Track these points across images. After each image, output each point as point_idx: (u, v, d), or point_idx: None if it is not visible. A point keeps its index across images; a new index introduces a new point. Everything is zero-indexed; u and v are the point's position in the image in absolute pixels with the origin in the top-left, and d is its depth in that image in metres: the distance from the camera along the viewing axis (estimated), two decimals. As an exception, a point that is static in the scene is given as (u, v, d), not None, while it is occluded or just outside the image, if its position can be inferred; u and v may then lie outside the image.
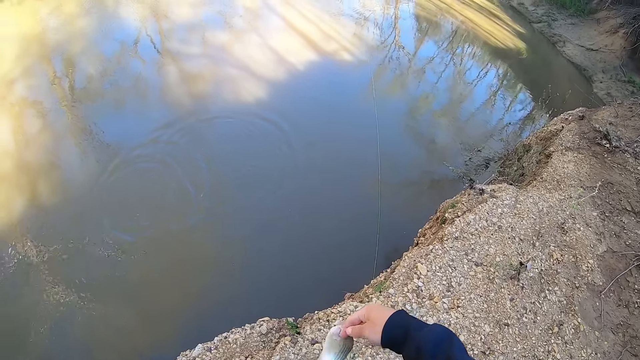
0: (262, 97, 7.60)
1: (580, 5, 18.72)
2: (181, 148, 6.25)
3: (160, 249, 5.04)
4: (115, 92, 7.21)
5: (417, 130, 7.97)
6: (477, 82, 10.88)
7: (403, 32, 12.21)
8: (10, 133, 6.20)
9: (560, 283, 3.86)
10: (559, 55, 15.33)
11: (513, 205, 4.67)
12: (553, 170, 5.43)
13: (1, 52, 7.71)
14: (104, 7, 9.79)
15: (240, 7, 10.83)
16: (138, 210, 5.31)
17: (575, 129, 6.32)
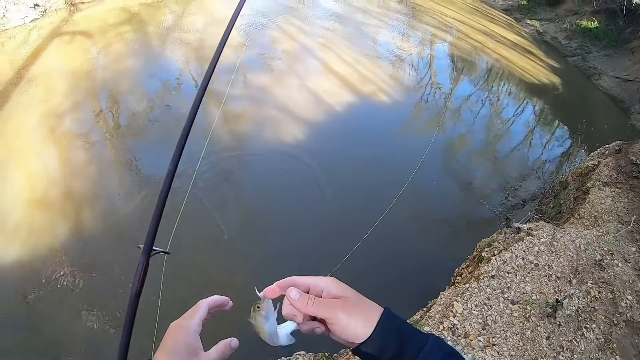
0: (300, 137, 7.83)
1: (613, 36, 18.65)
2: (217, 183, 6.52)
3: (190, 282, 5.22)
4: (157, 128, 7.52)
5: (454, 170, 8.06)
6: (514, 119, 10.96)
7: (439, 72, 12.43)
8: (58, 163, 6.52)
9: (598, 320, 3.83)
10: (595, 89, 15.31)
11: (550, 242, 4.65)
12: (590, 206, 5.42)
13: (53, 86, 8.16)
14: (150, 48, 10.32)
15: (280, 50, 11.22)
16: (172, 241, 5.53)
17: (612, 163, 6.30)
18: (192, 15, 12.66)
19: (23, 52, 9.20)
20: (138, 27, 11.34)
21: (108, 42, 10.15)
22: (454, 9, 21.11)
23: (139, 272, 1.36)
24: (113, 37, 10.49)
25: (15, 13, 10.45)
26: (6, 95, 7.75)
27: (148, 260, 1.40)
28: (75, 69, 8.81)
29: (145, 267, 1.38)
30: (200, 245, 5.57)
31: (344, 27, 14.08)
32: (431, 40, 15.30)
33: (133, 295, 1.33)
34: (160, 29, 11.49)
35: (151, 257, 1.41)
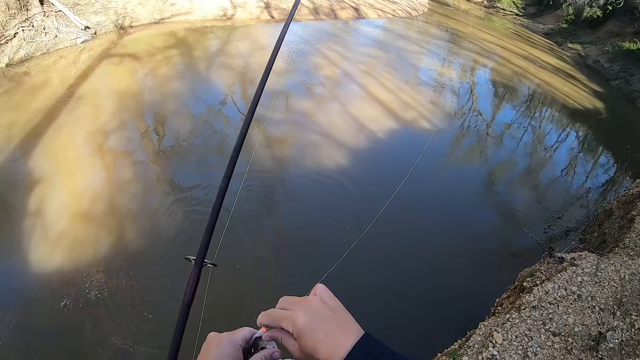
0: (341, 162, 7.91)
1: None
2: (256, 202, 6.63)
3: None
4: (200, 150, 7.69)
5: (496, 198, 8.03)
6: (557, 146, 10.90)
7: (480, 98, 12.51)
8: (103, 178, 6.70)
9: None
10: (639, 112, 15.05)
11: (593, 273, 4.58)
12: (635, 235, 5.33)
13: (101, 105, 8.46)
14: (195, 71, 10.64)
15: (322, 75, 11.45)
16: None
17: None
18: (237, 41, 13.09)
19: (73, 71, 9.62)
20: (184, 51, 11.76)
21: (155, 65, 10.52)
22: (494, 34, 21.16)
23: (191, 283, 1.41)
24: (160, 60, 10.88)
25: (67, 34, 11.00)
26: (56, 111, 8.08)
27: (200, 271, 1.46)
28: (123, 89, 9.16)
29: (197, 278, 1.43)
30: (238, 260, 5.72)
31: (385, 53, 14.31)
32: (472, 66, 15.37)
33: (185, 305, 1.37)
34: (206, 54, 11.88)
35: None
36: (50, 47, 10.54)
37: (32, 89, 8.75)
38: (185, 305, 1.37)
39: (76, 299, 4.99)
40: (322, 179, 7.36)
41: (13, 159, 6.84)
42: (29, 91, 8.68)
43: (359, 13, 18.94)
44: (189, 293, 1.38)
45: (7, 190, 6.28)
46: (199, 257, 1.48)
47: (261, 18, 15.49)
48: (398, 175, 7.76)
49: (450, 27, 20.60)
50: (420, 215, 7.06)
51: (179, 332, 1.33)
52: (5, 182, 6.43)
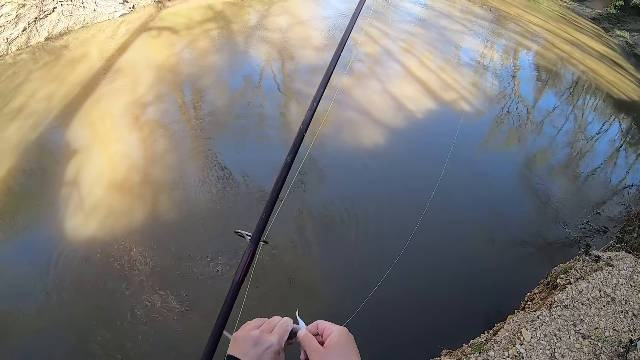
0: (380, 142, 7.90)
1: None
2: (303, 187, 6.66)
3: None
4: (237, 125, 7.76)
5: (533, 187, 7.91)
6: (599, 137, 10.63)
7: (522, 82, 12.20)
8: (140, 150, 6.84)
9: (673, 367, 3.64)
10: None
11: (630, 276, 4.53)
12: None
13: (138, 77, 8.57)
14: (234, 44, 10.61)
15: (362, 52, 11.27)
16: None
17: None
18: (275, 15, 12.92)
19: (112, 44, 9.73)
20: (223, 24, 11.69)
21: (193, 38, 10.56)
22: (540, 16, 20.50)
23: (245, 260, 1.35)
24: (198, 33, 10.89)
25: (105, 8, 11.04)
26: (94, 83, 8.23)
27: (256, 249, 1.40)
28: (161, 62, 9.23)
29: (252, 256, 1.37)
30: (281, 241, 5.78)
31: (427, 31, 14.00)
32: (515, 48, 14.94)
33: (235, 283, 1.33)
34: (244, 27, 11.79)
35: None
36: (89, 21, 10.64)
37: (70, 62, 8.88)
38: (235, 283, 1.32)
39: (108, 268, 5.14)
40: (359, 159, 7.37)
41: (53, 130, 7.01)
42: (68, 64, 8.81)
43: (401, -12, 18.47)
44: (241, 270, 1.33)
45: (47, 159, 6.47)
46: (256, 233, 1.42)
47: None
48: (436, 161, 7.71)
49: (494, 7, 19.99)
50: (457, 201, 7.02)
51: (227, 309, 1.29)
52: (45, 152, 6.61)
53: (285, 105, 8.60)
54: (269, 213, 1.47)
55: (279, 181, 1.54)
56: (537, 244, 6.70)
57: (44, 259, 5.14)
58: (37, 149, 6.60)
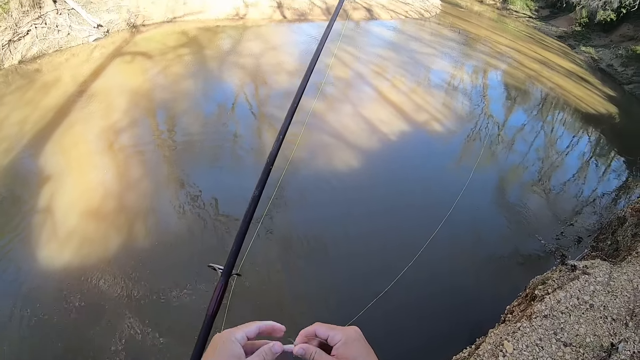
0: (354, 164, 7.88)
1: None
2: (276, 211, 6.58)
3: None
4: (211, 150, 7.70)
5: (507, 203, 8.01)
6: (569, 150, 10.87)
7: (492, 101, 12.48)
8: (114, 176, 6.70)
9: (655, 366, 3.68)
10: None
11: (606, 282, 4.55)
12: None
13: (112, 103, 8.49)
14: (208, 70, 10.69)
15: (333, 76, 11.43)
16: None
17: None
18: (249, 41, 13.15)
19: (85, 69, 9.69)
20: (196, 50, 11.83)
21: (167, 64, 10.59)
22: (508, 36, 21.11)
23: (217, 293, 1.34)
24: (172, 59, 10.95)
25: (80, 32, 11.12)
26: (68, 108, 8.13)
27: (227, 282, 1.38)
28: (135, 88, 9.20)
29: (224, 289, 1.36)
30: (255, 267, 5.71)
31: (398, 55, 14.34)
32: (485, 68, 15.34)
33: (209, 316, 1.32)
34: (218, 53, 11.95)
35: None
36: (63, 45, 10.64)
37: (44, 86, 8.82)
38: (209, 316, 1.32)
39: (82, 296, 4.96)
40: (333, 182, 7.36)
41: (25, 155, 6.89)
42: (41, 88, 8.75)
43: (371, 14, 18.97)
44: (214, 304, 1.32)
45: (19, 186, 6.32)
46: (227, 267, 1.41)
47: (273, 18, 15.57)
48: (406, 180, 7.79)
49: (462, 29, 20.52)
50: (433, 220, 6.97)
51: (202, 342, 1.28)
52: (18, 178, 6.47)
53: (258, 130, 8.63)
54: (239, 246, 1.47)
55: (248, 215, 1.54)
56: (515, 258, 6.72)
57: (11, 289, 4.96)
58: (9, 174, 6.47)
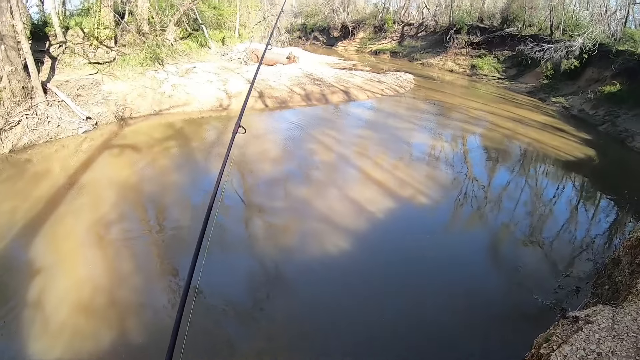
0: (344, 248, 7.87)
1: (636, 93, 19.04)
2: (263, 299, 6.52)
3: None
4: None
5: (501, 262, 8.11)
6: (556, 200, 11.10)
7: (474, 165, 12.89)
8: (105, 270, 6.65)
9: (666, 406, 3.62)
10: (631, 151, 15.64)
11: (610, 327, 4.45)
12: None
13: (102, 196, 8.64)
14: (194, 161, 11.04)
15: (318, 160, 11.82)
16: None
17: None
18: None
19: (75, 161, 10.00)
20: (182, 142, 12.30)
21: (154, 156, 10.94)
22: (480, 100, 22.00)
23: None
24: (159, 151, 11.34)
25: (69, 124, 11.73)
26: (58, 200, 8.30)
27: None
28: (124, 180, 9.41)
29: None
30: None
31: (377, 133, 14.94)
32: (463, 135, 15.94)
33: None
34: (204, 144, 12.44)
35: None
36: (53, 136, 11.17)
37: (34, 177, 9.11)
38: None
39: None
40: (326, 268, 7.35)
41: (15, 247, 6.97)
42: (32, 178, 9.04)
43: (349, 96, 19.88)
44: None
45: (8, 277, 6.33)
46: None
47: (255, 107, 16.36)
48: (398, 253, 7.87)
49: (437, 100, 21.44)
50: (425, 289, 7.07)
51: None
52: (7, 270, 6.49)
53: (247, 219, 8.73)
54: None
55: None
56: (516, 319, 6.64)
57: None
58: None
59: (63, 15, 16.93)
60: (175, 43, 20.13)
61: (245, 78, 18.48)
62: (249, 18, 30.47)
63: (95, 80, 13.93)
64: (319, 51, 41.64)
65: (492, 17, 39.43)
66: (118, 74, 14.88)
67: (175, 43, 20.06)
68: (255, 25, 30.70)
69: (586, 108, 21.28)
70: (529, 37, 29.81)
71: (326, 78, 21.35)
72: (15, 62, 11.05)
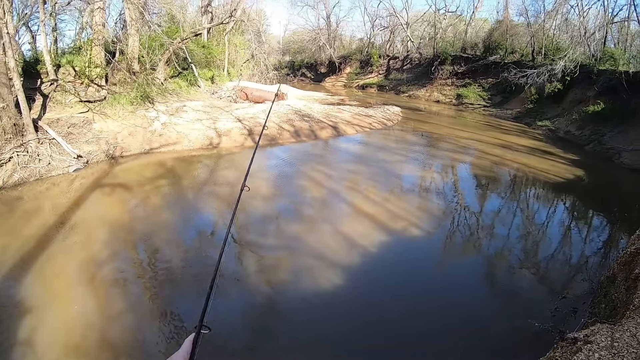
0: (338, 283, 7.79)
1: (621, 111, 19.49)
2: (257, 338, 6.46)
3: None
4: (194, 280, 7.57)
5: (496, 288, 8.10)
6: (548, 222, 11.19)
7: (465, 193, 12.99)
8: (97, 309, 6.55)
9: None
10: (619, 167, 15.83)
11: (610, 345, 4.33)
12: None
13: (93, 235, 8.58)
14: (185, 200, 11.00)
15: (309, 197, 11.84)
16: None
17: None
18: (223, 169, 13.85)
19: (66, 199, 9.95)
20: (173, 180, 12.30)
21: (145, 195, 10.91)
22: (468, 129, 22.29)
23: None
24: (150, 190, 11.31)
25: (60, 162, 11.73)
26: (49, 238, 8.23)
27: None
28: (115, 219, 9.37)
29: None
30: None
31: (367, 167, 15.04)
32: (452, 164, 16.11)
33: None
34: (195, 183, 12.45)
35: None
36: (44, 174, 11.15)
37: (25, 215, 9.07)
38: None
39: None
40: (320, 305, 7.29)
41: (5, 285, 6.89)
42: (22, 216, 8.99)
43: (337, 131, 20.11)
44: None
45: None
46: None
47: (245, 145, 16.46)
48: (394, 288, 7.84)
49: (425, 131, 21.73)
50: (421, 317, 7.01)
51: None
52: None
53: (239, 256, 8.60)
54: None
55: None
56: (515, 345, 6.63)
57: None
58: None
59: (55, 53, 17.22)
60: (165, 82, 20.51)
61: (235, 116, 18.77)
62: (238, 56, 31.03)
63: (86, 119, 14.10)
64: (307, 87, 42.43)
65: (475, 46, 40.46)
66: (109, 112, 15.06)
67: (165, 82, 20.43)
68: (244, 64, 31.29)
69: (572, 129, 21.63)
70: (511, 63, 30.53)
71: (315, 114, 21.68)
72: (6, 98, 11.15)
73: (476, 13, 43.18)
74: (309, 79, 58.11)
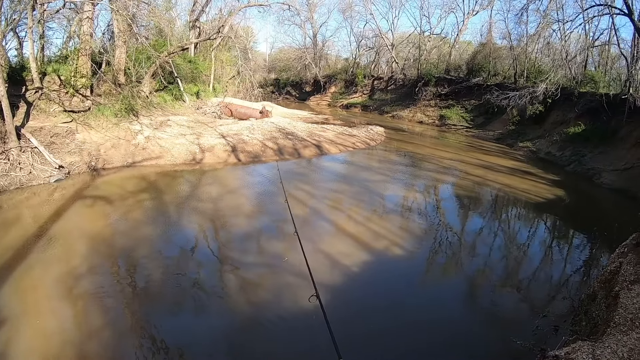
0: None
1: (601, 132, 19.90)
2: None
3: None
4: (173, 296, 7.44)
5: (478, 308, 8.06)
6: (529, 241, 11.25)
7: (447, 213, 13.03)
8: (74, 324, 6.41)
9: None
10: (599, 187, 16.07)
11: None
12: (624, 310, 5.24)
13: (73, 247, 8.43)
14: (167, 215, 10.82)
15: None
16: None
17: (634, 259, 6.22)
18: (206, 185, 13.69)
19: (46, 210, 9.79)
20: (155, 195, 12.13)
21: (127, 209, 10.76)
22: (450, 150, 22.47)
23: None
24: (132, 204, 11.17)
25: (41, 172, 11.60)
26: (27, 249, 8.07)
27: None
28: (95, 233, 9.21)
29: None
30: None
31: (350, 186, 14.99)
32: (434, 184, 16.18)
33: None
34: (177, 198, 12.26)
35: None
36: (24, 183, 11.02)
37: (3, 224, 8.91)
38: None
39: None
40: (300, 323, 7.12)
41: None
42: (1, 226, 8.82)
43: (321, 150, 20.10)
44: None
45: None
46: None
47: (228, 161, 16.38)
48: (374, 306, 7.76)
49: (408, 151, 21.86)
50: (403, 337, 6.93)
51: None
52: None
53: (221, 273, 8.53)
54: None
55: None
56: None
57: None
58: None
59: (41, 60, 16.98)
60: (151, 95, 20.46)
61: (219, 132, 18.72)
62: (224, 72, 31.17)
63: (69, 129, 13.98)
64: (291, 105, 42.54)
65: (459, 68, 41.10)
66: (93, 123, 14.95)
67: (150, 95, 20.38)
68: (230, 80, 31.39)
69: (553, 150, 21.93)
70: (494, 85, 31.01)
71: (299, 132, 21.69)
72: (-10, 105, 10.97)
73: (460, 36, 44.15)
74: (293, 97, 58.46)
